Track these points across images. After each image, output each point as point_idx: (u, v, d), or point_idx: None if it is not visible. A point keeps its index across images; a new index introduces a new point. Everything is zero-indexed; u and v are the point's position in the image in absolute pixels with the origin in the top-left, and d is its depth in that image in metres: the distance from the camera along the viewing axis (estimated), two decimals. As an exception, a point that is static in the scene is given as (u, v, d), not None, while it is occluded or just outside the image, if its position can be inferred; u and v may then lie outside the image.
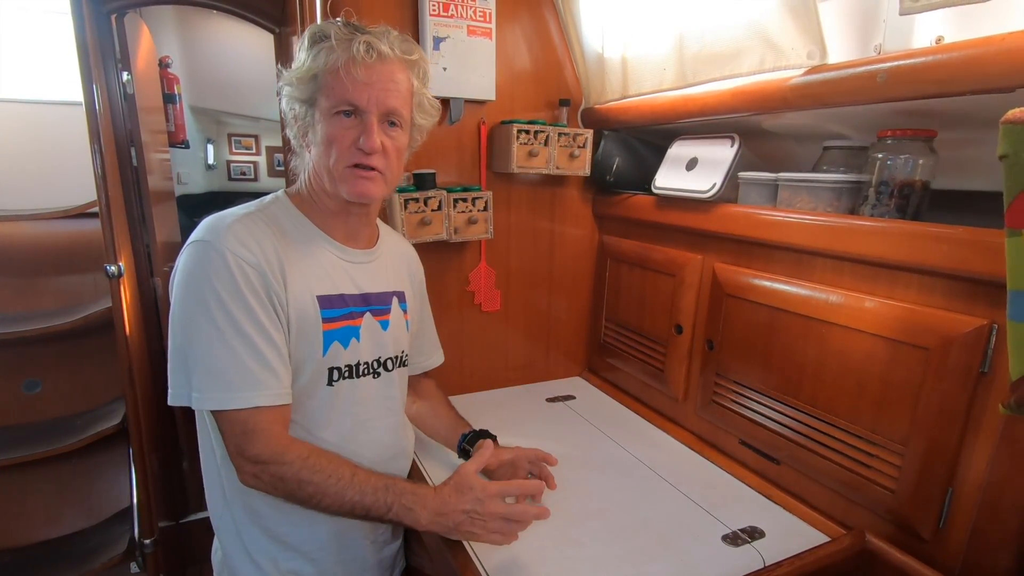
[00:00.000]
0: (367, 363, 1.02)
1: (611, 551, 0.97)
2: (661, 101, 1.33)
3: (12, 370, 2.01)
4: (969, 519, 0.86)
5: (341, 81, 0.88)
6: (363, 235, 1.05)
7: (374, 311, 1.04)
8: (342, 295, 0.98)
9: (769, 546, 0.99)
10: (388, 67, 0.90)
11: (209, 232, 0.87)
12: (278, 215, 0.96)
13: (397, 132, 0.95)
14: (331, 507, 0.88)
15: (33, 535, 1.97)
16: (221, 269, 0.84)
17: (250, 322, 0.85)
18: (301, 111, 0.93)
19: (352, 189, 0.93)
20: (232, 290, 0.84)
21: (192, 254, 0.86)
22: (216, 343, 0.84)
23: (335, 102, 0.89)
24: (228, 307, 0.84)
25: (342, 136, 0.90)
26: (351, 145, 0.90)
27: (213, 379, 0.84)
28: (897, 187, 0.96)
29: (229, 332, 0.84)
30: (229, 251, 0.85)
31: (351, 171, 0.92)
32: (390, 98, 0.91)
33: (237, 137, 4.55)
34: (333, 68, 0.88)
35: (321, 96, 0.90)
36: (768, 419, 1.17)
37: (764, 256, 1.17)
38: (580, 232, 1.72)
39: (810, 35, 0.94)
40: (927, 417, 0.89)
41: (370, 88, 0.89)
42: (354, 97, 0.88)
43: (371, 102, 0.89)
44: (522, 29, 1.51)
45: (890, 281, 0.95)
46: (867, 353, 0.97)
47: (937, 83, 0.77)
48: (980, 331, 0.82)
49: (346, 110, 0.89)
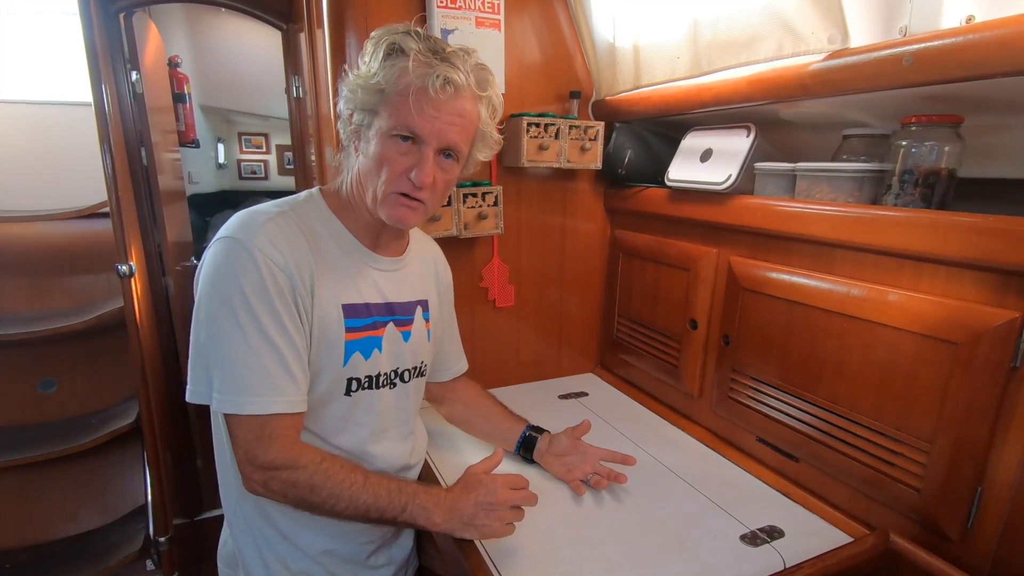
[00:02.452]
0: (386, 374, 1.00)
1: (626, 551, 0.95)
2: (674, 91, 1.30)
3: (27, 370, 2.03)
4: (1000, 519, 0.83)
5: (408, 107, 0.84)
6: (395, 245, 1.03)
7: (397, 321, 1.01)
8: (367, 304, 0.96)
9: (789, 546, 0.97)
10: (459, 101, 0.86)
11: (241, 229, 0.85)
12: (311, 216, 0.94)
13: (451, 165, 0.91)
14: (345, 511, 0.87)
15: (50, 533, 1.99)
16: (250, 270, 0.82)
17: (275, 326, 0.84)
18: (359, 117, 0.90)
19: (392, 214, 0.90)
20: (260, 292, 0.83)
21: (222, 250, 0.84)
22: (239, 345, 0.82)
23: (396, 124, 0.85)
24: (254, 309, 0.82)
25: (395, 161, 0.87)
26: (402, 173, 0.87)
27: (232, 381, 0.83)
28: (922, 176, 0.92)
29: (253, 335, 0.83)
30: (259, 251, 0.83)
31: (396, 197, 0.89)
32: (453, 133, 0.87)
33: (247, 136, 4.56)
34: (403, 91, 0.84)
35: (384, 110, 0.86)
36: (787, 416, 1.14)
37: (782, 249, 1.14)
38: (592, 226, 1.70)
39: (831, 18, 0.90)
40: (955, 413, 0.86)
41: (435, 121, 0.85)
42: (418, 127, 0.85)
43: (432, 135, 0.85)
44: (531, 20, 1.48)
45: (915, 273, 0.91)
46: (891, 348, 0.94)
47: (967, 66, 0.74)
48: (1011, 324, 0.79)
49: (405, 135, 0.86)
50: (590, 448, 1.17)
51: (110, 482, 2.10)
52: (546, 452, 1.18)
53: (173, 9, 3.48)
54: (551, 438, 1.20)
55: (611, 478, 1.12)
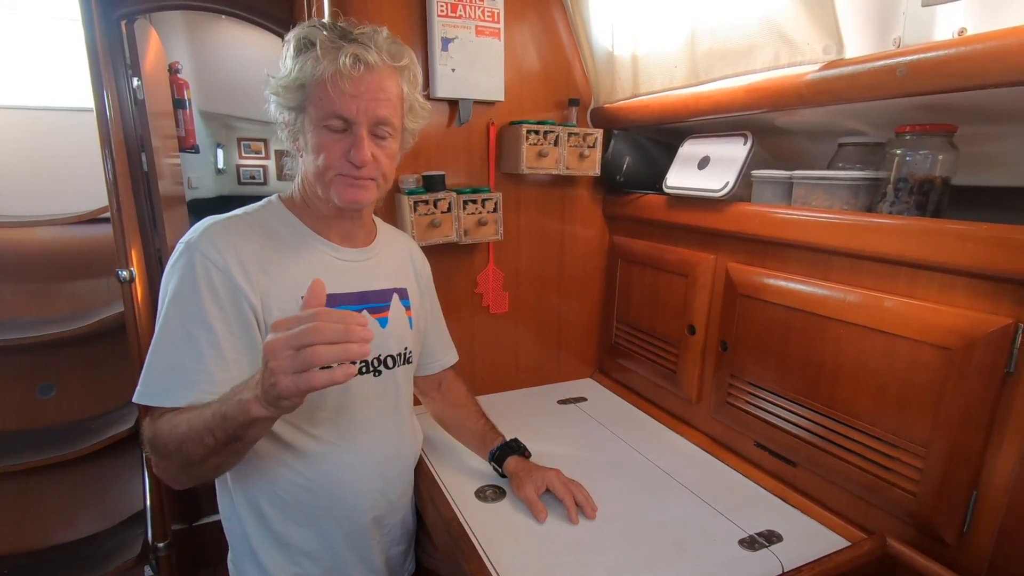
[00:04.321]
0: (364, 361, 1.01)
1: (625, 555, 0.96)
2: (672, 99, 1.31)
3: (27, 375, 2.03)
4: (995, 523, 0.84)
5: (328, 93, 0.86)
6: (359, 235, 1.05)
7: (371, 309, 1.03)
8: (331, 295, 0.96)
9: (787, 550, 0.97)
10: (376, 76, 0.88)
11: (191, 233, 0.90)
12: (267, 218, 0.97)
13: (387, 140, 0.94)
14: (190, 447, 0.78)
15: (48, 538, 1.98)
16: (187, 270, 0.86)
17: (198, 323, 0.85)
18: (290, 118, 0.92)
19: (344, 196, 0.92)
20: (190, 290, 0.85)
21: (174, 254, 0.89)
22: (161, 337, 0.86)
23: (323, 114, 0.88)
24: (182, 305, 0.85)
25: (331, 147, 0.89)
26: (341, 156, 0.89)
27: (147, 372, 0.86)
28: (916, 184, 0.94)
29: (176, 328, 0.85)
30: (199, 252, 0.86)
31: (342, 179, 0.91)
32: (380, 108, 0.89)
33: (246, 141, 4.58)
34: (320, 79, 0.86)
35: (309, 105, 0.89)
36: (784, 421, 1.15)
37: (779, 255, 1.16)
38: (590, 233, 1.71)
39: (826, 29, 0.92)
40: (950, 419, 0.87)
41: (358, 100, 0.87)
42: (342, 110, 0.87)
43: (360, 113, 0.88)
44: (531, 28, 1.50)
45: (910, 280, 0.93)
46: (887, 354, 0.95)
47: (959, 76, 0.75)
48: (1005, 330, 0.80)
49: (335, 122, 0.88)
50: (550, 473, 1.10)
51: (108, 487, 2.09)
52: (516, 471, 1.12)
53: (174, 16, 3.50)
54: (524, 461, 1.15)
55: None
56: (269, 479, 0.95)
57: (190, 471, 0.83)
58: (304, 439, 0.96)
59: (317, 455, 0.97)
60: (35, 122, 2.31)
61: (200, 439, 0.77)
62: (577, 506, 1.05)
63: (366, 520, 1.04)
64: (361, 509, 1.03)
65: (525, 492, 1.06)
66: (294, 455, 0.95)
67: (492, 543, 0.97)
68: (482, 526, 1.02)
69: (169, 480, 0.87)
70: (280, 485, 0.96)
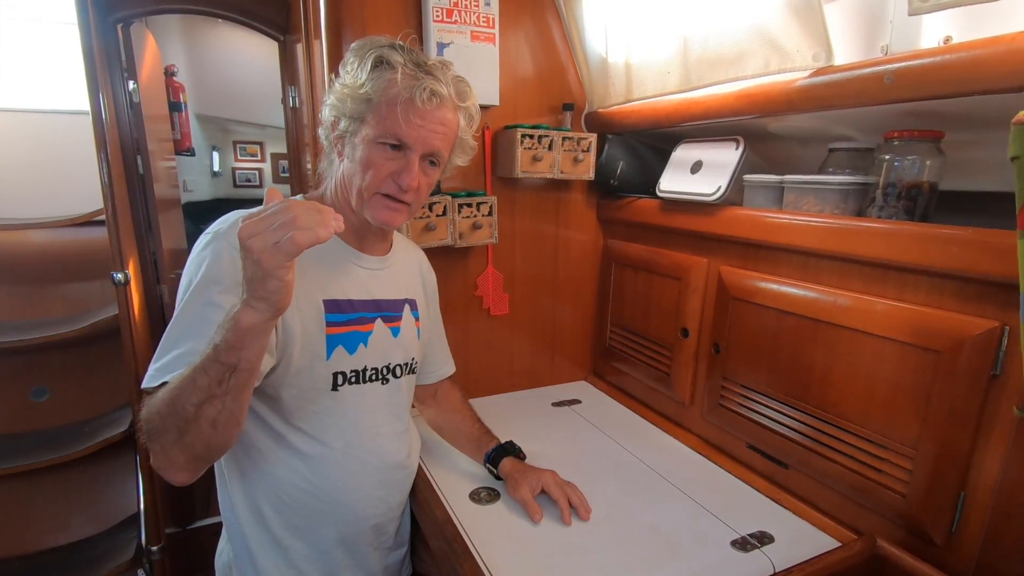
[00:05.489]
0: (375, 369, 1.02)
1: (618, 557, 0.97)
2: (665, 104, 1.33)
3: (20, 378, 2.02)
4: (982, 523, 0.85)
5: (396, 117, 0.88)
6: (378, 244, 1.06)
7: (386, 317, 1.04)
8: (351, 300, 0.98)
9: (778, 551, 0.98)
10: (442, 112, 0.92)
11: (219, 224, 0.89)
12: None
13: (433, 170, 0.96)
14: (186, 401, 0.73)
15: (41, 542, 1.97)
16: (214, 257, 0.84)
17: (216, 308, 0.80)
18: (345, 124, 0.93)
19: (377, 216, 0.94)
20: (213, 276, 0.83)
21: (200, 243, 0.88)
22: (177, 321, 0.82)
23: (384, 132, 0.89)
24: (203, 290, 0.82)
25: (382, 166, 0.91)
26: (388, 177, 0.91)
27: (158, 357, 0.81)
28: (904, 188, 0.95)
29: (199, 310, 0.81)
30: (226, 240, 0.85)
31: (380, 199, 0.93)
32: (437, 140, 0.92)
33: (242, 144, 4.56)
34: (392, 101, 0.88)
35: (371, 119, 0.90)
36: (776, 423, 1.16)
37: (770, 259, 1.17)
38: (585, 236, 1.72)
39: (816, 37, 0.93)
40: (938, 420, 0.88)
41: (421, 130, 0.90)
42: (405, 135, 0.89)
43: (418, 141, 0.90)
44: (525, 34, 1.51)
45: (899, 283, 0.94)
46: (876, 356, 0.96)
47: (945, 84, 0.77)
48: (991, 333, 0.81)
49: (393, 143, 0.90)
50: (545, 474, 1.12)
51: (102, 491, 2.08)
52: (511, 472, 1.13)
53: (170, 19, 3.50)
54: (519, 463, 1.16)
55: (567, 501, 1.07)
56: (272, 482, 0.96)
57: (185, 438, 0.74)
58: (311, 444, 0.96)
59: (322, 460, 0.97)
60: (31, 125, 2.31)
61: (193, 383, 0.72)
62: (571, 507, 1.06)
63: (366, 527, 1.04)
64: (362, 515, 1.03)
65: (521, 493, 1.06)
66: (300, 459, 0.96)
67: (486, 545, 0.97)
68: (476, 528, 1.02)
69: (166, 466, 0.77)
70: (283, 488, 0.96)
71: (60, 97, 2.33)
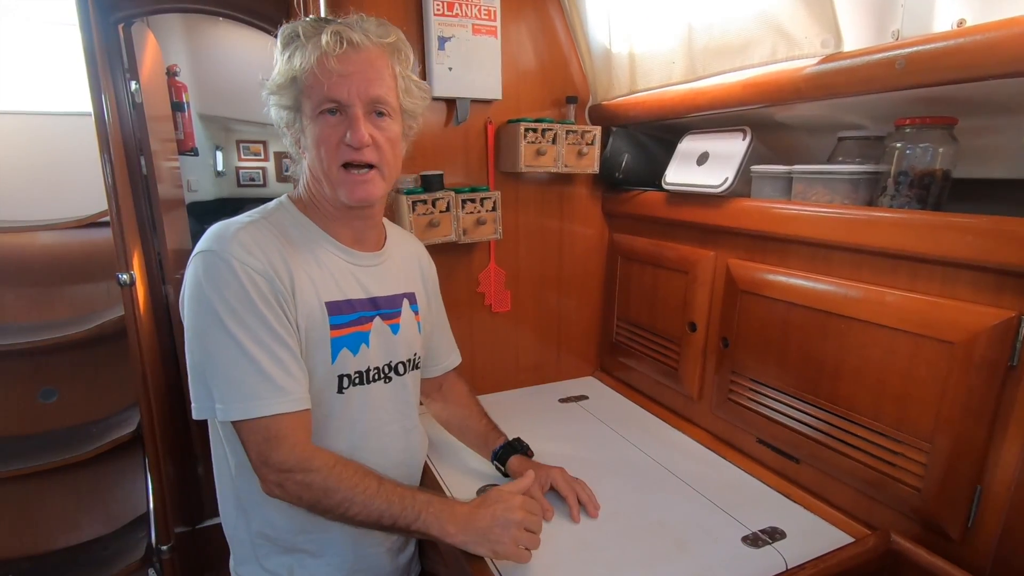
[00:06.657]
0: (378, 368, 1.01)
1: (628, 554, 0.96)
2: (670, 96, 1.31)
3: (28, 380, 2.02)
4: (999, 518, 0.84)
5: (318, 79, 0.85)
6: (370, 237, 1.04)
7: (384, 315, 1.02)
8: (350, 300, 0.97)
9: (790, 547, 0.97)
10: (364, 55, 0.87)
11: (214, 241, 0.86)
12: (283, 221, 0.94)
13: (386, 122, 0.91)
14: (358, 515, 0.86)
15: (51, 542, 1.98)
16: (230, 279, 0.83)
17: (264, 329, 0.84)
18: (289, 118, 0.91)
19: (351, 194, 0.91)
20: (243, 298, 0.83)
21: (199, 265, 0.85)
22: (233, 353, 0.83)
23: (317, 102, 0.87)
24: (241, 316, 0.83)
25: (329, 135, 0.87)
26: (339, 143, 0.88)
27: (234, 389, 0.83)
28: (917, 177, 0.93)
29: (245, 340, 0.83)
30: (235, 259, 0.83)
31: (346, 174, 0.89)
32: (372, 87, 0.87)
33: (245, 143, 4.57)
34: (308, 67, 0.85)
35: (304, 99, 0.88)
36: (786, 417, 1.14)
37: (779, 251, 1.15)
38: (590, 231, 1.70)
39: (824, 23, 0.91)
40: (953, 413, 0.86)
41: (348, 80, 0.85)
42: (333, 92, 0.85)
43: (352, 94, 0.86)
44: (527, 26, 1.49)
45: (911, 274, 0.92)
46: (889, 348, 0.94)
47: (959, 68, 0.75)
48: (1008, 323, 0.80)
49: (330, 108, 0.87)
50: (554, 471, 1.12)
51: (111, 491, 2.09)
52: (519, 470, 1.12)
53: (171, 19, 3.50)
54: (527, 460, 1.16)
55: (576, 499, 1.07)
56: None
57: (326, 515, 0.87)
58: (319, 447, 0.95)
59: None
60: (34, 127, 2.31)
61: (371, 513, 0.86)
62: (580, 504, 1.05)
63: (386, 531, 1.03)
64: None
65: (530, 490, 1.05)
66: None
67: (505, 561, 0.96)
68: (484, 526, 1.01)
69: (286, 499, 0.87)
70: None
71: (62, 99, 2.33)
